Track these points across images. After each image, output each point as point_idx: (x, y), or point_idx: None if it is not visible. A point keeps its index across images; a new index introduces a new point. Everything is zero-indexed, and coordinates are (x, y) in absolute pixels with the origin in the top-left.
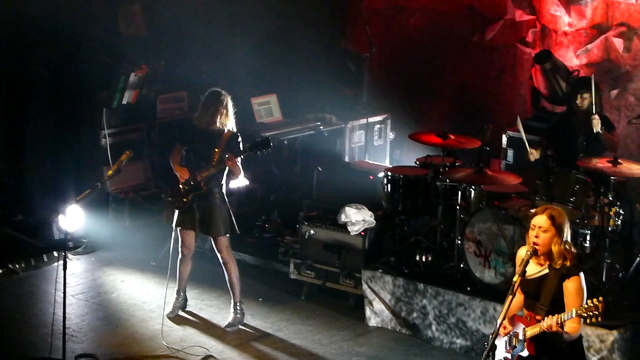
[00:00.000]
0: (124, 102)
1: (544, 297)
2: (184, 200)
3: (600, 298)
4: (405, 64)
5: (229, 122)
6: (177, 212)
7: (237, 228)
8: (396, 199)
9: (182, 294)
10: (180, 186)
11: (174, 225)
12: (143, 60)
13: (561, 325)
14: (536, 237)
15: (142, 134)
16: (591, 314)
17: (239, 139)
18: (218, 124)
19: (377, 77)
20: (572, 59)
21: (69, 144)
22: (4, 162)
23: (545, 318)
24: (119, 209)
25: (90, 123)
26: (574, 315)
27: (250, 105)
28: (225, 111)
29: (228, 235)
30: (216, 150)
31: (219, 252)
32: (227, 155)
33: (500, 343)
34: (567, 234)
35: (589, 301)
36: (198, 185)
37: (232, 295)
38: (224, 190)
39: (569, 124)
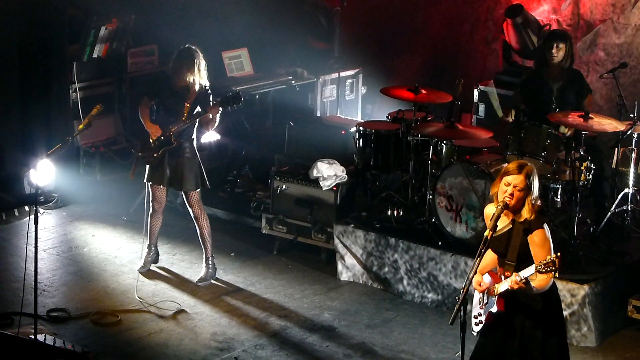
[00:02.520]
0: (95, 56)
1: (510, 253)
2: (155, 155)
3: (559, 253)
4: (377, 18)
5: (202, 81)
6: (147, 167)
7: (207, 182)
8: (368, 153)
9: (153, 248)
10: (151, 141)
11: (145, 179)
12: (113, 14)
13: (525, 281)
14: (511, 194)
15: (112, 88)
16: (549, 269)
17: (209, 92)
18: (190, 80)
19: (349, 31)
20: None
21: (39, 98)
22: None
23: (513, 274)
24: (89, 164)
25: (60, 77)
26: (533, 271)
27: (221, 59)
28: (197, 68)
29: (199, 190)
30: (186, 104)
31: (190, 207)
32: (213, 103)
33: (476, 299)
34: (538, 189)
35: (548, 256)
36: (169, 139)
37: (203, 250)
38: (194, 145)
39: (539, 77)
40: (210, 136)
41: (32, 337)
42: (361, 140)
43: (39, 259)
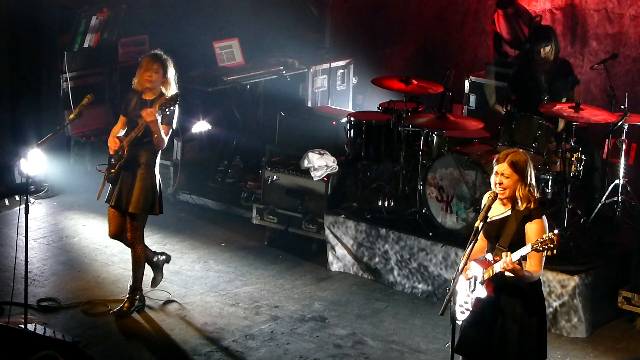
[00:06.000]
0: (85, 45)
1: (504, 238)
2: (112, 171)
3: (556, 231)
4: (368, 8)
5: (170, 90)
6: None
7: (161, 209)
8: (359, 144)
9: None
10: (112, 157)
11: (105, 200)
12: (104, 4)
13: (519, 263)
14: (500, 183)
15: (103, 78)
16: (546, 247)
17: (175, 100)
18: (159, 91)
19: (340, 21)
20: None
21: (30, 88)
22: None
23: (504, 255)
24: (80, 153)
25: (51, 67)
26: (529, 249)
27: (213, 49)
28: (167, 77)
29: (145, 215)
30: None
31: (129, 231)
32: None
33: (461, 289)
34: (532, 178)
35: (545, 235)
36: (122, 151)
37: (131, 279)
38: (153, 163)
39: (529, 69)
40: (201, 126)
41: (22, 326)
42: (352, 130)
43: (30, 248)
